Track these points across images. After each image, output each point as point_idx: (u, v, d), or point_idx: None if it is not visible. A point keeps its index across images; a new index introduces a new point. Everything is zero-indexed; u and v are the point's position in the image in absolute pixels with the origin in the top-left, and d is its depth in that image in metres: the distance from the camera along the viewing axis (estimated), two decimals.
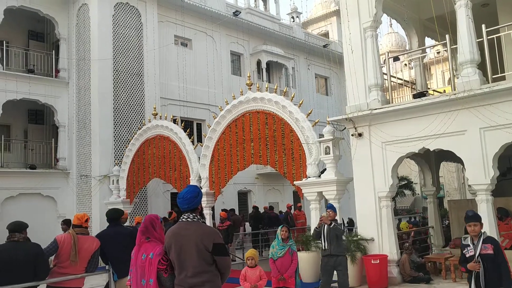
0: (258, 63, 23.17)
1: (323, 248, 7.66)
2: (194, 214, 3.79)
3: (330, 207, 8.01)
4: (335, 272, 7.73)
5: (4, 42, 17.60)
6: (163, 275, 3.69)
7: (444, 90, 11.56)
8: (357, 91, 10.46)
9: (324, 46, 26.42)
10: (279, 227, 7.36)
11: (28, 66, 18.50)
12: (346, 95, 10.99)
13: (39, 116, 19.57)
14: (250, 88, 12.46)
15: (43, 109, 18.98)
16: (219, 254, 3.64)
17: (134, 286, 3.84)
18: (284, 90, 12.30)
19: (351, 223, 17.84)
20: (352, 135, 10.48)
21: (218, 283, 3.68)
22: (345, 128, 10.95)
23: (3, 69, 17.10)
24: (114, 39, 17.52)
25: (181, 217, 3.82)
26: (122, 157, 16.25)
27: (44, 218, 16.21)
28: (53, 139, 18.53)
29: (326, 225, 7.66)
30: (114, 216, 6.37)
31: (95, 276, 8.22)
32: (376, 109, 9.98)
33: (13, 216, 14.98)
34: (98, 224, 15.64)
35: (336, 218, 8.02)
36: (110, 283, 6.04)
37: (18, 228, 5.29)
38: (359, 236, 10.09)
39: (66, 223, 10.12)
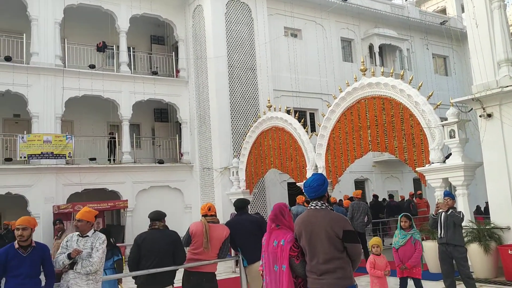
0: (370, 47, 22.47)
1: (439, 236, 7.25)
2: (322, 202, 3.84)
3: (447, 194, 7.56)
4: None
5: (131, 48, 19.25)
6: (295, 262, 3.79)
7: None
8: (484, 69, 9.65)
9: (442, 24, 24.72)
10: (400, 216, 7.13)
11: (152, 68, 20.06)
12: (470, 74, 10.22)
13: (164, 114, 21.16)
14: (364, 74, 12.16)
15: (167, 107, 20.46)
16: (350, 241, 3.65)
17: (266, 271, 4.00)
18: (401, 73, 11.79)
19: (478, 211, 16.66)
20: (480, 116, 9.72)
21: (349, 269, 3.69)
22: (471, 109, 10.20)
23: (131, 73, 18.70)
24: (227, 36, 18.20)
25: (310, 205, 3.89)
26: (240, 149, 16.87)
27: (173, 208, 17.42)
28: (177, 135, 19.89)
29: (443, 213, 7.24)
30: (241, 205, 6.67)
31: (226, 262, 8.73)
32: (507, 86, 9.13)
33: (146, 207, 16.44)
34: (221, 214, 16.44)
35: (454, 206, 7.53)
36: (240, 268, 6.34)
37: (158, 217, 5.78)
38: (492, 225, 9.37)
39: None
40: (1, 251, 4.81)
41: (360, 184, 21.20)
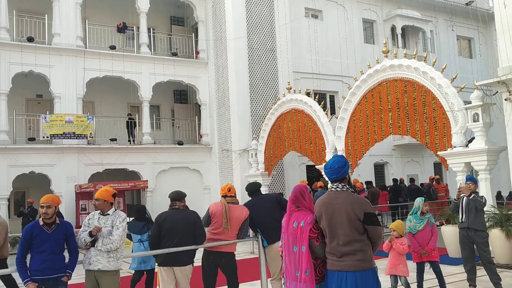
0: (393, 29, 22.04)
1: (460, 220, 7.16)
2: (343, 184, 3.81)
3: (470, 178, 7.43)
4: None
5: (151, 29, 19.25)
6: (315, 243, 3.79)
7: None
8: (511, 50, 9.39)
9: (467, 4, 24.04)
10: (418, 200, 7.06)
11: (172, 49, 20.06)
12: (496, 56, 9.96)
13: (183, 96, 21.24)
14: (387, 56, 11.97)
15: (186, 89, 20.51)
16: (371, 223, 3.62)
17: (286, 252, 4.01)
18: (424, 55, 11.57)
19: (498, 197, 16.40)
20: (505, 99, 9.52)
21: (369, 252, 3.67)
22: (496, 92, 9.99)
23: (152, 54, 18.74)
24: (247, 17, 18.04)
25: (330, 187, 3.87)
26: (259, 132, 16.85)
27: (192, 189, 17.54)
28: (196, 117, 19.96)
29: (465, 197, 7.14)
30: (253, 189, 6.65)
31: (245, 242, 8.78)
32: None
33: (166, 187, 16.61)
34: (240, 195, 16.49)
35: (477, 190, 7.41)
36: (259, 249, 6.38)
37: (178, 197, 5.83)
38: None
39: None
40: (26, 228, 4.94)
41: (379, 168, 21.05)
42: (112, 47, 18.22)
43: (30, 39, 16.63)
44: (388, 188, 18.00)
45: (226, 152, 18.24)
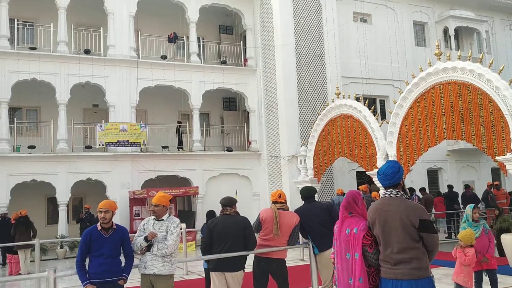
0: (445, 30, 21.39)
1: None
2: (396, 190, 3.73)
3: None
4: None
5: (201, 38, 19.67)
6: (368, 250, 3.72)
7: None
8: None
9: None
10: (467, 207, 6.80)
11: (221, 58, 20.39)
12: None
13: (232, 103, 21.51)
14: (439, 58, 11.61)
15: (235, 96, 20.77)
16: (427, 230, 3.51)
17: (338, 259, 3.96)
18: (480, 57, 11.13)
19: None
20: None
21: (425, 260, 3.56)
22: None
23: (201, 63, 19.12)
24: (295, 23, 18.06)
25: (384, 193, 3.80)
26: (308, 138, 16.76)
27: (241, 196, 17.63)
28: (245, 124, 20.14)
29: None
30: (308, 194, 6.63)
31: (295, 249, 8.78)
32: None
33: (216, 194, 16.86)
34: (289, 202, 16.42)
35: None
36: (310, 256, 6.34)
37: (229, 203, 5.90)
38: None
39: None
40: (85, 232, 5.15)
41: (433, 174, 20.40)
42: (164, 57, 18.75)
43: (87, 52, 17.41)
44: (443, 195, 17.37)
45: (275, 158, 18.27)
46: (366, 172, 14.31)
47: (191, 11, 18.82)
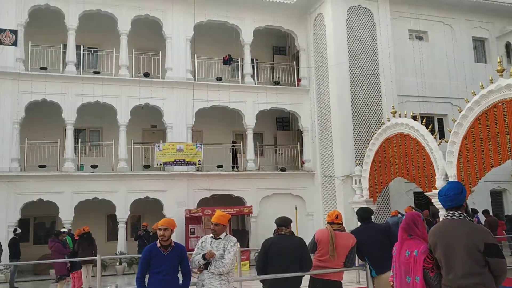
0: (507, 45, 20.60)
1: None
2: (459, 212, 3.61)
3: None
4: None
5: (254, 59, 20.02)
6: (429, 274, 3.61)
7: None
8: None
9: None
10: None
11: (274, 78, 20.62)
12: None
13: (285, 123, 21.64)
14: (502, 75, 11.16)
15: (288, 116, 20.88)
16: (493, 255, 3.36)
17: (397, 282, 3.87)
18: None
19: None
20: None
21: (492, 287, 3.40)
22: None
23: (255, 84, 19.42)
24: (348, 42, 18.00)
25: (446, 215, 3.68)
26: (363, 157, 16.49)
27: (294, 215, 17.61)
28: (298, 143, 20.13)
29: None
30: (364, 215, 6.51)
31: (351, 271, 8.60)
32: None
33: (269, 213, 16.90)
34: (343, 223, 16.16)
35: None
36: (367, 279, 6.20)
37: (284, 222, 5.88)
38: None
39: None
40: (145, 249, 5.31)
41: (497, 195, 19.41)
42: (219, 79, 19.21)
43: (146, 75, 18.15)
44: (505, 217, 16.50)
45: (329, 178, 18.08)
46: (425, 193, 13.85)
47: (245, 34, 19.23)
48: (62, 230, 13.47)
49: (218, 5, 18.74)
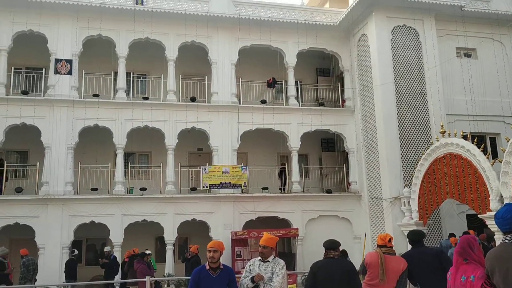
0: None
1: None
2: None
3: None
4: None
5: (298, 81, 20.14)
6: None
7: None
8: None
9: None
10: None
11: (319, 99, 20.62)
12: None
13: (330, 144, 21.48)
14: None
15: (333, 137, 20.73)
16: None
17: None
18: None
19: None
20: None
21: None
22: None
23: (299, 105, 19.47)
24: (393, 62, 17.82)
25: (503, 238, 3.55)
26: (411, 178, 16.08)
27: (342, 238, 17.05)
28: (344, 164, 19.91)
29: None
30: (416, 238, 6.33)
31: None
32: None
33: (316, 236, 16.74)
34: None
35: None
36: None
37: (333, 245, 5.81)
38: None
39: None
40: (195, 271, 5.39)
41: None
42: (263, 101, 19.42)
43: (193, 99, 18.62)
44: None
45: (376, 200, 17.72)
46: (478, 215, 13.30)
47: (289, 57, 19.43)
48: (147, 252, 13.70)
49: (262, 30, 19.07)
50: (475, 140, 13.49)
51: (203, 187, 17.34)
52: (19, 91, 17.71)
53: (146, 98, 18.61)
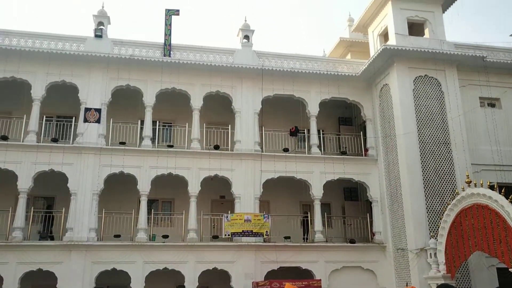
0: None
1: None
2: None
3: None
4: None
5: (321, 130, 20.28)
6: None
7: None
8: None
9: None
10: None
11: (341, 148, 20.65)
12: None
13: (353, 193, 21.28)
14: None
15: (356, 186, 20.56)
16: None
17: None
18: None
19: None
20: None
21: None
22: None
23: (322, 154, 19.51)
24: (416, 112, 17.90)
25: None
26: (437, 229, 15.74)
27: None
28: (367, 214, 19.63)
29: None
30: None
31: None
32: None
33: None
34: None
35: None
36: None
37: None
38: None
39: None
40: None
41: None
42: (285, 150, 19.55)
43: (216, 147, 18.87)
44: None
45: (401, 251, 17.29)
46: (509, 269, 12.84)
47: (311, 106, 19.69)
48: None
49: (285, 80, 19.49)
50: (502, 191, 13.24)
51: (225, 235, 17.24)
52: (49, 139, 18.27)
53: (171, 146, 18.94)
